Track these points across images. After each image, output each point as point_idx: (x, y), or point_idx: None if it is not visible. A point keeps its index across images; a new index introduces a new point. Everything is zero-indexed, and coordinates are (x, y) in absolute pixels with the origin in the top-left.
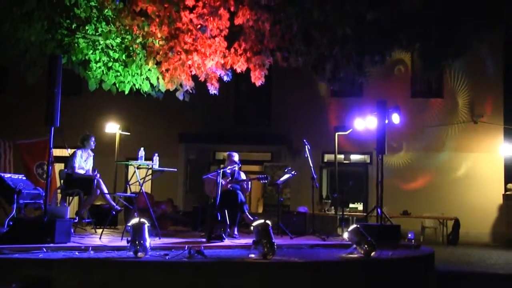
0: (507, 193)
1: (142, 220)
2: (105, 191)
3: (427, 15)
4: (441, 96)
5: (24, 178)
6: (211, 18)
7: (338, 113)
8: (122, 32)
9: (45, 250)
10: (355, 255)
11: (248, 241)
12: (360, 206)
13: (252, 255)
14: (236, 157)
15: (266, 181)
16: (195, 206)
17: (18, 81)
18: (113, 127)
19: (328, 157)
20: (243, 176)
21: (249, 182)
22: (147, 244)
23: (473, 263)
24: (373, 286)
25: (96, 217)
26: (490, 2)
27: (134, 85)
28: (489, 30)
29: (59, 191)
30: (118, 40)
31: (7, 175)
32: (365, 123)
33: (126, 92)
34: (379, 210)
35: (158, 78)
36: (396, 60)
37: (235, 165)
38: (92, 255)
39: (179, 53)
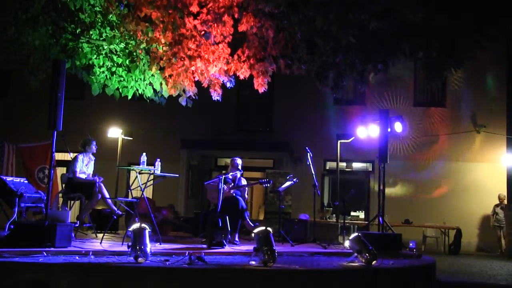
0: (504, 202)
1: (143, 225)
2: (107, 195)
3: (430, 25)
4: (443, 105)
5: (26, 181)
6: (215, 25)
7: (340, 121)
8: (126, 37)
9: (45, 254)
10: (356, 264)
11: (249, 248)
12: (361, 215)
13: (253, 262)
14: (239, 161)
15: (268, 185)
16: (196, 212)
17: (21, 85)
18: (115, 132)
19: (330, 164)
20: (244, 182)
21: (246, 189)
22: (148, 249)
23: (475, 273)
24: None
25: (97, 221)
26: (491, 13)
27: (137, 90)
28: (491, 40)
29: (60, 195)
30: (122, 45)
31: (9, 179)
32: (367, 131)
33: (129, 97)
34: (380, 218)
35: (161, 84)
36: (399, 69)
37: (237, 171)
38: (93, 260)
39: (182, 59)
